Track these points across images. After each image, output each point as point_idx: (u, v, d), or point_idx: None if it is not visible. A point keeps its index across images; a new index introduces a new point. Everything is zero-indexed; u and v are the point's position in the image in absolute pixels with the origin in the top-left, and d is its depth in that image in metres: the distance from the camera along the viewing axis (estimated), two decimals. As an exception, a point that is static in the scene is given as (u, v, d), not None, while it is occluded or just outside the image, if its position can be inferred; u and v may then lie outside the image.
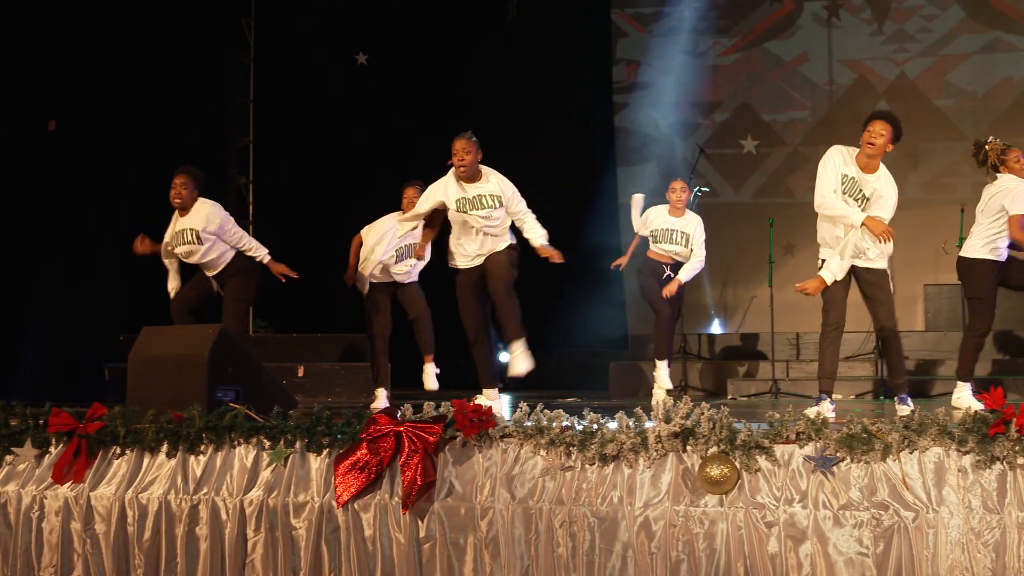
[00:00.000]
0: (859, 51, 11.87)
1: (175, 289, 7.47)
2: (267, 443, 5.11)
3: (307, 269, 8.11)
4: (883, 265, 6.14)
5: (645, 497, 4.58)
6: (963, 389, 6.76)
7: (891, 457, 4.40)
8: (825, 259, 6.24)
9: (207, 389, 5.48)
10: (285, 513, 4.97)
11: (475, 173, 6.59)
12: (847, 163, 6.19)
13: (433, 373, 7.88)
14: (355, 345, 9.12)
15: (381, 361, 7.78)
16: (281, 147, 11.83)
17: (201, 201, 7.33)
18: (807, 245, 11.15)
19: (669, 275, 8.12)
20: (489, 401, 6.61)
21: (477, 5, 11.68)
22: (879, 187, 6.08)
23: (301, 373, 8.64)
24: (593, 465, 4.69)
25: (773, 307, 9.45)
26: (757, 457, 4.50)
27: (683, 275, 8.11)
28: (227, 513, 5.04)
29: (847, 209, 6.13)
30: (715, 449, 4.54)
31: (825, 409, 5.93)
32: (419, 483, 4.74)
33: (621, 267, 8.51)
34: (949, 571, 4.24)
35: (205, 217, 7.27)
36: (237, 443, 5.15)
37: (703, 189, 10.71)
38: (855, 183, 6.13)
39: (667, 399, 7.78)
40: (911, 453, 4.40)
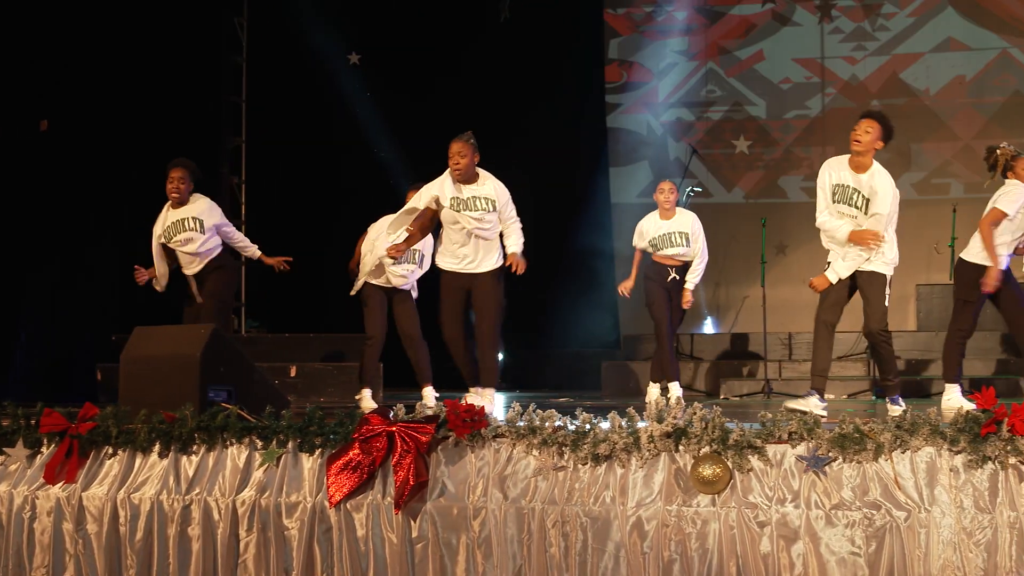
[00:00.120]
0: (852, 50, 11.89)
1: (164, 275, 7.46)
2: (259, 443, 5.11)
3: (299, 269, 8.10)
4: (882, 270, 6.11)
5: (638, 497, 4.58)
6: (952, 391, 6.77)
7: (883, 457, 4.40)
8: (831, 261, 6.24)
9: (199, 389, 5.46)
10: (277, 513, 4.97)
11: (472, 175, 6.58)
12: (838, 172, 6.19)
13: (433, 396, 7.56)
14: (347, 345, 9.12)
15: (369, 361, 7.70)
16: (274, 147, 11.82)
17: (196, 195, 7.41)
18: (800, 245, 11.18)
19: (675, 277, 7.97)
20: (479, 400, 6.64)
21: (469, 6, 11.68)
22: (874, 183, 6.06)
23: (293, 373, 8.64)
24: (586, 465, 4.69)
25: (766, 307, 9.45)
26: (749, 457, 4.51)
27: (692, 281, 8.02)
28: (219, 513, 5.04)
29: (835, 224, 6.18)
30: (707, 449, 4.54)
31: (811, 405, 5.92)
32: (412, 483, 4.74)
33: (627, 292, 8.20)
34: (941, 570, 4.25)
35: (207, 209, 7.38)
36: (229, 443, 5.15)
37: (695, 189, 10.73)
38: (848, 189, 6.12)
39: (660, 399, 7.79)
40: (903, 453, 4.40)
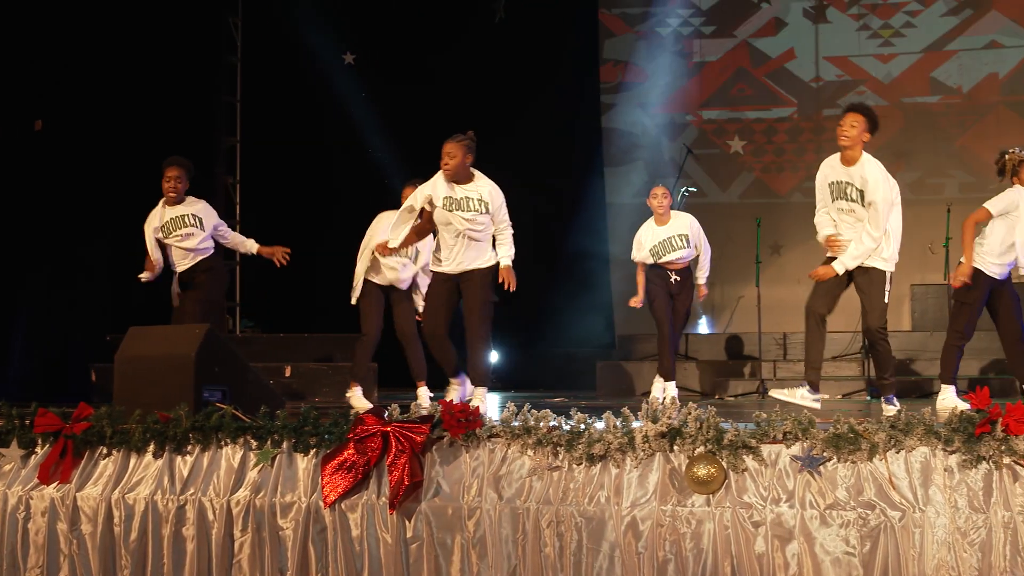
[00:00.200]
0: (846, 48, 11.91)
1: (158, 260, 7.49)
2: (254, 443, 5.11)
3: (294, 269, 8.09)
4: (882, 266, 6.12)
5: (632, 497, 4.58)
6: (947, 391, 6.80)
7: (878, 457, 4.41)
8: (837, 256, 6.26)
9: (194, 389, 5.46)
10: (272, 513, 4.96)
11: (465, 176, 6.55)
12: (832, 170, 6.24)
13: (427, 396, 7.51)
14: (342, 345, 9.10)
15: (361, 358, 7.63)
16: (268, 147, 11.81)
17: (191, 197, 7.52)
18: (794, 245, 11.20)
19: (676, 279, 7.96)
20: (455, 393, 6.68)
21: (464, 6, 11.68)
22: (864, 173, 6.07)
23: (288, 373, 8.63)
24: (580, 465, 4.69)
25: (760, 307, 9.46)
26: (744, 457, 4.51)
27: (702, 277, 8.05)
28: (214, 513, 5.03)
29: (818, 222, 6.31)
30: (702, 449, 4.54)
31: (798, 396, 5.91)
32: (406, 483, 4.73)
33: (640, 304, 8.06)
34: (935, 570, 4.25)
35: (204, 208, 7.54)
36: (224, 443, 5.14)
37: (690, 189, 10.73)
38: (842, 184, 6.15)
39: (655, 398, 7.79)
40: (898, 453, 4.41)
